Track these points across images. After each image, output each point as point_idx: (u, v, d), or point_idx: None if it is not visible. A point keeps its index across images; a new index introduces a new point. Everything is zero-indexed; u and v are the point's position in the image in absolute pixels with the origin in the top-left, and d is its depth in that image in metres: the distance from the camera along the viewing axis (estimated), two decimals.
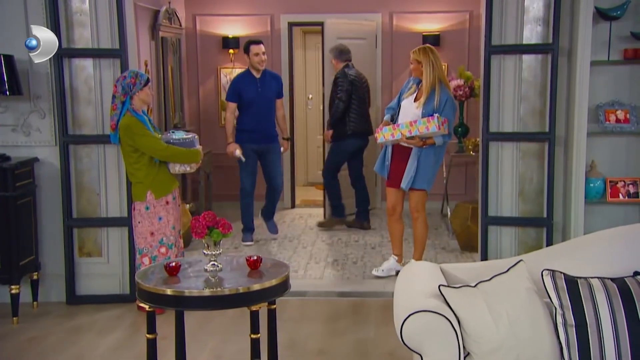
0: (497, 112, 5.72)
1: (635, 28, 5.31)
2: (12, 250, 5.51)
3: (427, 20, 9.46)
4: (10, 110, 5.83)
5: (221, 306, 3.49)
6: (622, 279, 3.24)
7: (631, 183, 5.46)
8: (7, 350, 5.05)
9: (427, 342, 3.02)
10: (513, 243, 5.83)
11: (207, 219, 3.52)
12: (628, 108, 5.42)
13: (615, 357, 3.07)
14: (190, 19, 9.62)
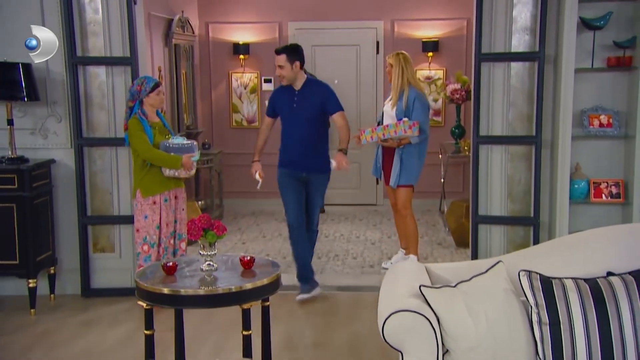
0: (487, 116, 5.70)
1: (618, 37, 5.29)
2: (29, 247, 5.55)
3: (426, 27, 9.45)
4: (28, 115, 5.86)
5: (215, 305, 3.50)
6: (595, 280, 3.21)
7: (614, 184, 5.43)
8: (21, 341, 5.07)
9: (407, 340, 3.00)
10: (502, 241, 5.83)
11: (202, 222, 3.53)
12: (611, 113, 5.40)
13: (585, 354, 3.05)
14: (203, 26, 9.64)
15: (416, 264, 3.77)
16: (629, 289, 3.13)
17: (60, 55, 5.69)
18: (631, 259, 3.32)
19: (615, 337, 3.05)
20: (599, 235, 3.65)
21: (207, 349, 4.77)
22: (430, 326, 2.99)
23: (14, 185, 5.48)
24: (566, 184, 5.37)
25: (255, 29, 9.60)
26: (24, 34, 5.66)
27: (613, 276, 3.24)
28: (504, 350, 3.09)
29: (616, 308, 3.09)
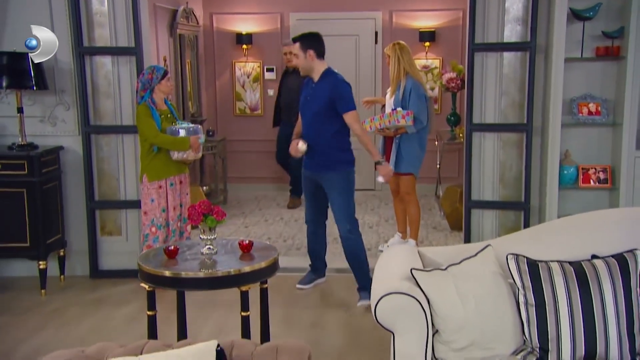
0: (480, 104, 5.69)
1: (607, 27, 5.26)
2: (39, 230, 5.55)
3: (423, 18, 9.38)
4: (37, 103, 5.86)
5: (214, 287, 3.52)
6: (579, 263, 3.22)
7: (601, 170, 5.43)
8: (33, 320, 5.10)
9: (398, 321, 3.01)
10: (494, 225, 5.83)
11: (202, 207, 3.53)
12: (599, 101, 5.38)
13: (569, 334, 3.07)
14: (208, 17, 9.58)
15: (409, 247, 3.76)
16: (611, 272, 3.14)
17: (67, 45, 5.69)
18: (615, 242, 3.33)
19: (598, 317, 3.07)
20: (585, 220, 3.66)
21: (209, 328, 4.78)
22: (421, 307, 3.00)
23: (24, 171, 5.48)
24: (556, 170, 5.37)
25: (258, 20, 9.55)
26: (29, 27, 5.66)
27: (597, 259, 3.25)
28: (491, 330, 3.11)
29: (599, 290, 3.10)
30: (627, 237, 3.35)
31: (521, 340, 3.16)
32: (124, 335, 4.70)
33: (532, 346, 3.12)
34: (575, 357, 3.06)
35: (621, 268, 3.15)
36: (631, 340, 3.07)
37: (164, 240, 5.24)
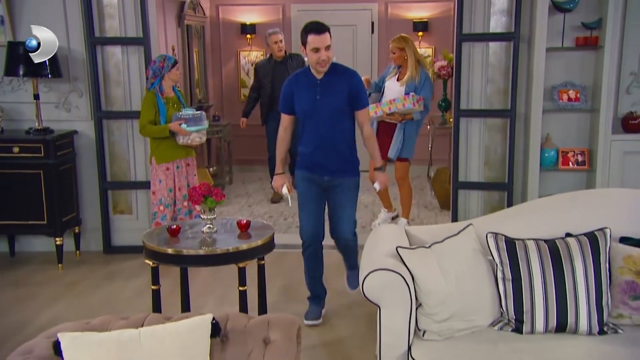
0: (467, 91, 5.66)
1: (586, 19, 5.23)
2: (56, 209, 5.59)
3: (417, 9, 9.34)
4: (53, 90, 5.86)
5: (213, 264, 3.50)
6: (553, 240, 3.25)
7: (580, 153, 5.42)
8: (51, 292, 5.14)
9: (384, 295, 3.03)
10: (479, 204, 5.83)
11: (202, 189, 3.54)
12: (579, 88, 5.36)
13: (543, 307, 3.10)
14: (214, 8, 9.54)
15: (397, 227, 3.77)
16: (582, 249, 3.16)
17: (80, 35, 5.70)
18: (587, 221, 3.34)
19: (569, 291, 3.10)
20: (560, 201, 3.68)
21: (212, 302, 4.81)
22: (405, 283, 3.01)
23: (41, 153, 5.50)
24: (537, 153, 5.35)
25: (261, 11, 9.51)
26: (47, 17, 5.67)
27: (570, 237, 3.27)
28: (471, 304, 3.13)
29: (571, 266, 3.13)
30: (598, 216, 3.36)
31: (498, 312, 3.19)
32: (132, 306, 4.74)
33: (508, 318, 3.15)
34: (547, 328, 3.10)
35: (592, 245, 3.17)
36: (599, 312, 3.09)
37: (171, 218, 5.27)
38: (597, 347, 2.97)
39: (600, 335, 3.07)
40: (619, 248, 3.24)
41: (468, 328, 3.10)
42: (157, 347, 2.26)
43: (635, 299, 3.16)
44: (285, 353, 2.42)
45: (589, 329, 3.08)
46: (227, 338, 2.43)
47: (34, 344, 2.33)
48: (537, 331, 3.09)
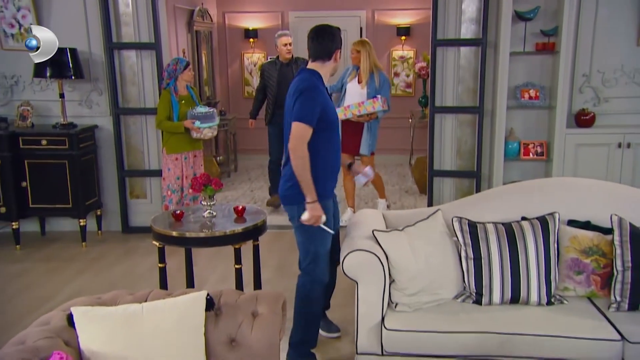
0: (441, 90, 5.64)
1: (544, 27, 5.20)
2: (79, 194, 5.60)
3: (400, 16, 9.28)
4: (76, 90, 5.84)
5: (212, 245, 3.46)
6: (510, 223, 3.27)
7: (539, 145, 5.41)
8: (77, 266, 5.18)
9: (361, 273, 3.04)
10: (452, 190, 5.83)
11: (203, 179, 3.53)
12: (538, 88, 5.34)
13: (499, 281, 3.12)
14: (220, 15, 9.49)
15: (376, 212, 3.74)
16: (535, 231, 3.18)
17: (99, 41, 5.68)
18: (540, 206, 3.36)
19: (522, 268, 3.12)
20: (518, 188, 3.68)
21: (214, 278, 4.82)
22: (379, 262, 3.03)
23: (66, 145, 5.50)
24: (502, 145, 5.34)
25: (263, 17, 9.45)
26: (70, 25, 5.65)
27: (525, 220, 3.29)
28: (437, 279, 3.15)
29: (524, 246, 3.15)
30: (550, 201, 3.38)
31: (461, 287, 3.22)
32: (146, 280, 4.75)
33: (469, 291, 3.18)
34: (503, 299, 3.13)
35: (543, 228, 3.19)
36: (548, 286, 3.12)
37: (177, 202, 5.25)
38: (545, 315, 3.00)
39: (548, 306, 3.10)
40: (566, 230, 3.26)
41: (434, 300, 3.13)
42: (158, 319, 2.27)
43: (579, 273, 3.19)
44: (271, 324, 2.43)
45: (538, 300, 3.11)
46: (220, 311, 2.44)
47: (51, 316, 2.34)
48: (494, 303, 3.12)
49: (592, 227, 3.28)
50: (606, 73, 5.27)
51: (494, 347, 2.89)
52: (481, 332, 2.90)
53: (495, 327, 2.91)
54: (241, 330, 2.40)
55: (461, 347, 2.91)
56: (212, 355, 2.37)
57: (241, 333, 2.39)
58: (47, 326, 2.27)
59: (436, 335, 2.92)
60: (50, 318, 2.33)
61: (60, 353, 2.03)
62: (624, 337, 2.84)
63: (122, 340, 2.20)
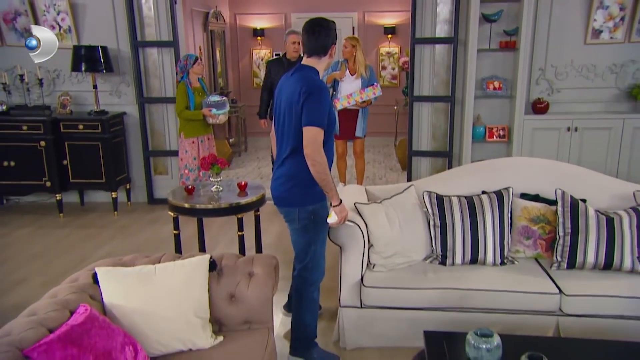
0: (419, 82, 5.60)
1: (507, 27, 5.15)
2: (111, 171, 5.61)
3: (387, 17, 9.17)
4: (107, 82, 5.81)
5: (219, 215, 3.42)
6: (471, 197, 3.27)
7: (501, 129, 5.39)
8: (108, 232, 5.20)
9: (345, 239, 3.04)
10: (428, 167, 5.82)
11: (210, 159, 3.52)
12: (501, 80, 5.30)
13: (461, 245, 3.14)
14: (232, 16, 9.38)
15: (359, 187, 3.71)
16: (492, 203, 3.19)
17: (126, 40, 5.63)
18: (498, 182, 3.36)
19: (480, 234, 3.13)
20: (479, 167, 3.67)
21: (223, 243, 4.81)
22: (360, 230, 3.04)
23: (99, 130, 5.49)
24: (470, 129, 5.33)
25: (268, 18, 9.35)
26: (102, 26, 5.61)
27: (484, 194, 3.29)
28: (409, 244, 3.17)
29: (482, 215, 3.15)
30: (506, 178, 3.38)
31: (430, 250, 3.24)
32: (166, 244, 4.75)
33: (436, 254, 3.21)
34: (464, 261, 3.15)
35: (499, 200, 3.20)
36: (502, 249, 3.14)
37: (194, 179, 5.22)
38: (498, 274, 3.03)
39: (502, 266, 3.13)
40: (518, 202, 3.27)
41: (406, 262, 3.15)
42: (168, 278, 2.29)
43: (528, 238, 3.21)
44: (265, 283, 2.45)
45: (493, 261, 3.13)
46: (221, 272, 2.46)
47: (79, 275, 2.37)
48: (456, 263, 3.15)
49: (540, 200, 3.29)
50: (558, 67, 5.23)
51: (454, 301, 2.92)
52: (444, 288, 2.93)
53: (456, 284, 2.94)
54: (239, 287, 2.42)
55: (427, 301, 2.94)
56: (214, 309, 2.40)
57: (239, 290, 2.42)
58: (76, 283, 2.29)
59: (406, 291, 2.95)
60: (79, 276, 2.36)
61: (85, 306, 2.06)
62: (562, 291, 2.87)
63: (138, 295, 2.23)
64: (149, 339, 2.19)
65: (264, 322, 2.44)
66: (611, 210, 3.09)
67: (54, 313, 2.01)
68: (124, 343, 2.01)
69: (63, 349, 1.78)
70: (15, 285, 4.08)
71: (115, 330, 2.02)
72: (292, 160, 2.63)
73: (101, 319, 2.02)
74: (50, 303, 2.09)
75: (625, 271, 2.98)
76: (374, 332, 3.03)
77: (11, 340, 1.80)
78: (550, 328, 2.86)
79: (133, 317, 2.19)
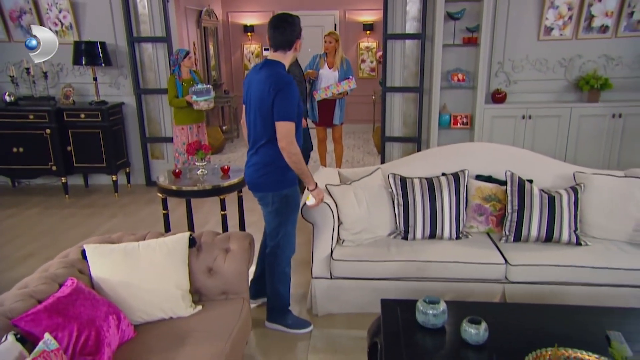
0: (391, 74, 5.54)
1: (469, 24, 5.10)
2: (111, 156, 5.54)
3: (366, 15, 9.06)
4: (107, 74, 5.71)
5: (204, 196, 3.38)
6: (431, 178, 3.27)
7: (465, 117, 5.37)
8: (110, 210, 5.16)
9: (317, 217, 3.03)
10: (399, 152, 5.78)
11: (195, 145, 3.49)
12: (464, 72, 5.27)
13: (421, 222, 3.15)
14: (225, 14, 9.23)
15: (333, 170, 3.68)
16: (449, 183, 3.20)
17: (123, 36, 5.51)
18: (456, 164, 3.37)
19: (439, 212, 3.14)
20: (441, 151, 3.65)
21: (213, 221, 4.77)
22: (330, 209, 3.03)
23: (99, 118, 5.41)
24: (436, 117, 5.31)
25: (258, 15, 9.20)
26: (100, 23, 5.49)
27: (443, 176, 3.30)
28: (375, 222, 3.18)
29: (440, 195, 3.16)
30: (463, 161, 3.39)
31: (394, 227, 3.24)
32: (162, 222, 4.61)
33: (399, 230, 3.21)
34: (424, 235, 3.16)
35: (455, 181, 3.21)
36: (457, 225, 3.16)
37: (183, 162, 5.15)
38: (453, 247, 3.05)
39: (457, 240, 3.15)
40: (473, 182, 3.28)
41: (372, 237, 3.16)
42: (151, 254, 2.28)
43: (481, 215, 3.23)
44: (240, 257, 2.45)
45: (450, 236, 3.15)
46: (200, 248, 2.45)
47: (70, 251, 2.35)
48: (417, 238, 3.16)
49: (492, 180, 3.30)
50: (515, 61, 5.20)
51: (413, 271, 2.94)
52: (405, 260, 2.94)
53: (415, 257, 2.95)
54: (216, 262, 2.42)
55: (389, 272, 2.96)
56: (195, 281, 2.40)
57: (217, 264, 2.42)
58: (66, 258, 2.28)
59: (370, 263, 2.96)
60: (69, 252, 2.34)
61: (73, 279, 2.04)
62: (507, 261, 2.90)
63: (123, 270, 2.22)
64: (133, 309, 2.18)
65: (240, 292, 2.44)
66: (553, 190, 3.11)
67: (43, 286, 1.99)
68: (108, 312, 2.00)
69: (49, 318, 1.77)
70: (23, 259, 4.06)
71: (100, 301, 2.01)
72: (266, 149, 2.58)
73: (87, 291, 2.01)
74: (41, 277, 2.07)
75: (563, 243, 3.01)
76: (342, 300, 3.05)
77: (2, 311, 1.79)
78: (497, 294, 2.89)
79: (118, 289, 2.18)
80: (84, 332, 1.83)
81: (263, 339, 2.86)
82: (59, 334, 1.76)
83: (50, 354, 1.53)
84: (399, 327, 2.07)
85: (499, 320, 2.13)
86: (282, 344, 2.81)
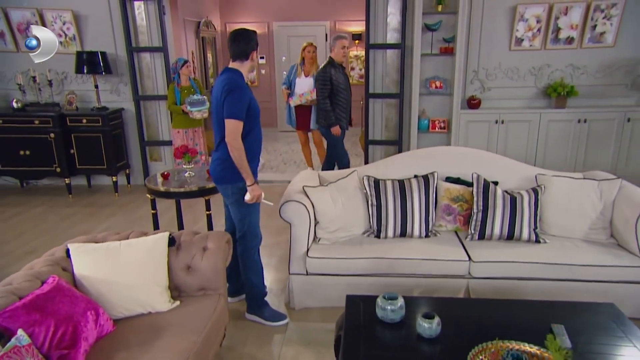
0: (373, 82, 5.54)
1: (445, 35, 5.09)
2: (112, 158, 5.52)
3: (354, 25, 9.05)
4: (107, 82, 5.69)
5: (190, 197, 3.32)
6: (403, 180, 3.26)
7: (442, 121, 5.36)
8: (110, 209, 5.14)
9: (294, 217, 3.03)
10: (381, 154, 5.77)
11: (182, 149, 3.48)
12: (442, 80, 5.26)
13: (393, 221, 3.14)
14: (223, 25, 9.21)
15: (313, 172, 3.66)
16: (419, 185, 3.19)
17: (123, 45, 5.50)
18: (426, 167, 3.35)
19: (409, 212, 3.14)
20: (415, 154, 3.64)
21: (203, 221, 4.72)
22: (306, 209, 3.03)
23: (100, 123, 5.40)
24: (416, 121, 5.30)
25: (254, 26, 9.12)
26: (102, 34, 5.47)
27: (415, 178, 3.29)
28: (350, 221, 3.17)
29: (411, 196, 3.16)
30: (433, 164, 3.38)
31: (368, 226, 3.24)
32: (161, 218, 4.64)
33: (372, 229, 3.21)
34: (395, 234, 3.15)
35: (425, 183, 3.20)
36: (427, 224, 3.15)
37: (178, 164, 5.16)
38: (423, 245, 3.04)
39: (427, 238, 3.14)
40: (442, 184, 3.28)
41: (347, 236, 3.15)
42: (131, 252, 2.27)
43: (449, 215, 3.22)
44: (217, 255, 2.44)
45: (419, 234, 3.14)
46: (180, 247, 2.44)
47: (56, 250, 2.34)
48: (389, 237, 3.16)
49: (460, 182, 3.30)
50: (489, 69, 5.19)
51: (384, 268, 2.93)
52: (377, 257, 2.93)
53: (386, 254, 2.94)
54: (194, 260, 2.41)
55: (362, 268, 2.95)
56: (174, 278, 2.39)
57: (195, 262, 2.41)
58: (52, 257, 2.27)
59: (344, 260, 2.95)
60: (55, 251, 2.33)
61: (54, 277, 2.03)
62: (470, 258, 2.89)
63: (105, 267, 2.21)
64: (113, 304, 2.18)
65: (216, 288, 2.43)
66: (516, 191, 3.11)
67: (26, 283, 1.98)
68: (87, 308, 1.99)
69: (27, 314, 1.77)
70: (26, 255, 4.04)
71: (79, 298, 2.00)
72: (224, 146, 2.67)
73: (66, 288, 2.00)
74: (25, 274, 2.07)
75: (524, 241, 3.01)
76: (318, 294, 3.04)
77: None
78: (462, 289, 2.89)
79: (99, 286, 2.17)
80: (61, 327, 1.82)
81: (242, 331, 2.86)
82: (36, 330, 1.75)
83: (21, 349, 1.52)
84: (361, 321, 2.07)
85: (455, 315, 2.13)
86: (260, 336, 2.81)
